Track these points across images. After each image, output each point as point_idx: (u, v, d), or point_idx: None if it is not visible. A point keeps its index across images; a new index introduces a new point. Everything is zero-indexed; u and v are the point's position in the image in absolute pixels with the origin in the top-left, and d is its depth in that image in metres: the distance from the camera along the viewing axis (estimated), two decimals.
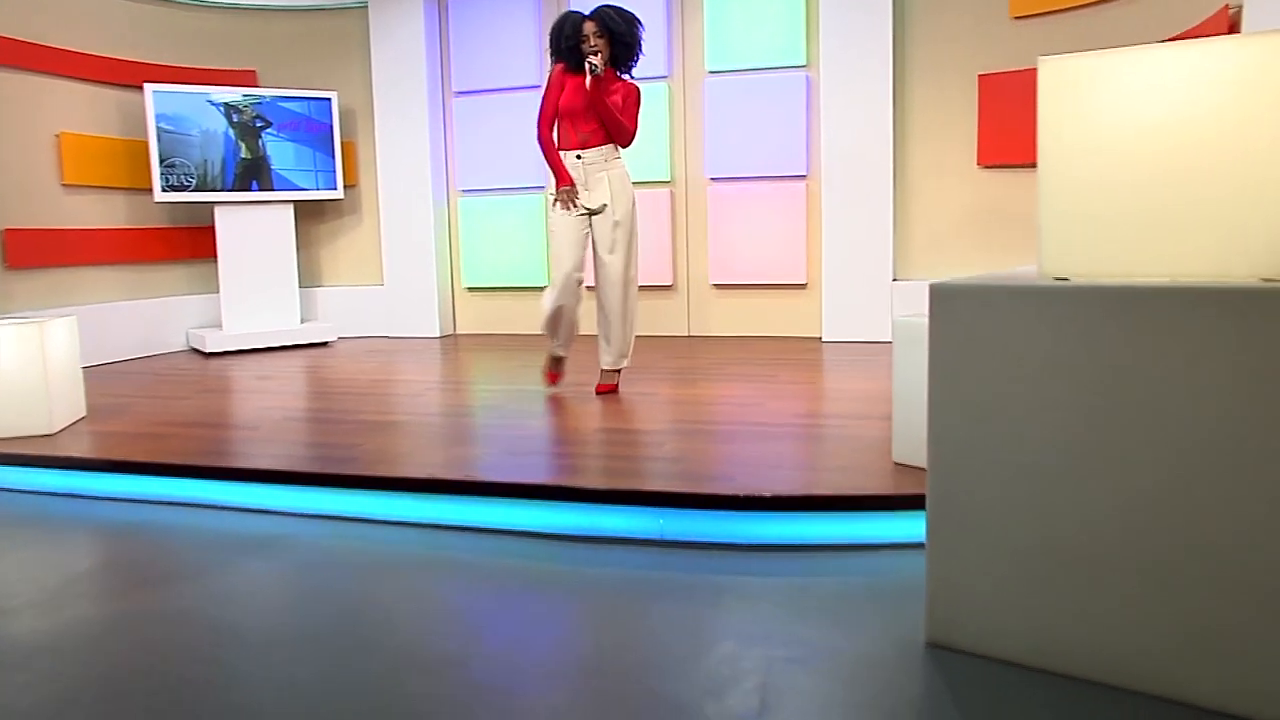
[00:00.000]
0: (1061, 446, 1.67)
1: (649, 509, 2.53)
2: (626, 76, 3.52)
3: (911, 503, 2.44)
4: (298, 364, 5.14)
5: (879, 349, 4.90)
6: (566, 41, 3.39)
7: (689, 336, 5.71)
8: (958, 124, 4.99)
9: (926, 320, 2.62)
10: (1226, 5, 3.42)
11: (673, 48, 5.56)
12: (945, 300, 1.81)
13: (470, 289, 6.08)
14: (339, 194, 5.85)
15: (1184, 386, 1.55)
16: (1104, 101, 1.70)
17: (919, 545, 2.42)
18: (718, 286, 5.58)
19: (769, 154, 5.34)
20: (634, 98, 3.43)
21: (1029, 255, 4.79)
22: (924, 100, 5.07)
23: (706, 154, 5.49)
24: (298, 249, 5.91)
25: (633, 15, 3.45)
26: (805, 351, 4.96)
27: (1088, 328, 1.63)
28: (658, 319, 5.70)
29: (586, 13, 3.39)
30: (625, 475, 2.70)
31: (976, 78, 4.90)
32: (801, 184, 5.33)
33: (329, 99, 5.79)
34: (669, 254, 5.62)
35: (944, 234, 5.09)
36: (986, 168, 4.96)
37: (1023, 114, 4.74)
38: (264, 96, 5.67)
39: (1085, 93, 1.71)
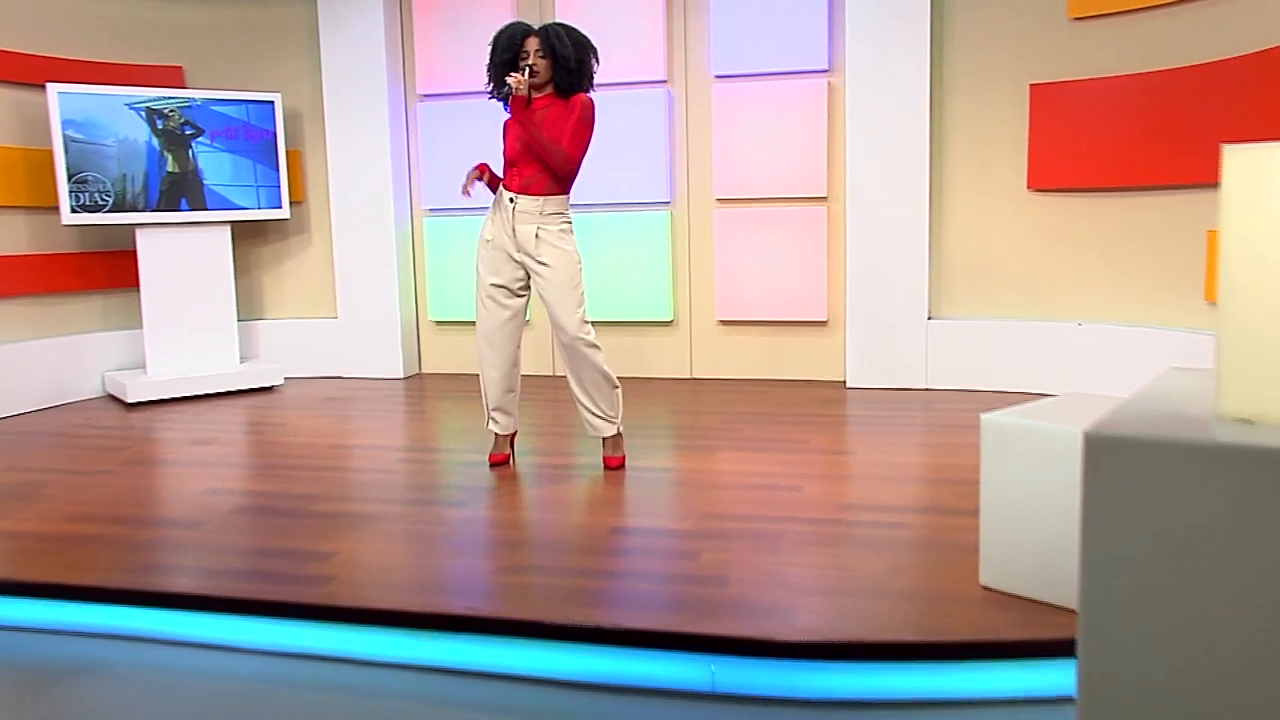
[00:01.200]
0: (1247, 631, 1.43)
1: (693, 655, 2.29)
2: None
3: (1020, 650, 2.22)
4: (239, 418, 4.86)
5: (913, 399, 4.78)
6: (501, 55, 3.26)
7: (691, 379, 5.53)
8: (1005, 140, 4.85)
9: (1024, 422, 2.41)
10: None
11: (672, 47, 5.37)
12: (1106, 456, 1.56)
13: (438, 323, 5.88)
14: (284, 213, 5.59)
15: None
16: None
17: (1029, 702, 2.19)
18: (725, 323, 5.44)
19: (784, 172, 5.20)
20: (581, 113, 3.24)
21: (1084, 295, 4.69)
22: (966, 112, 4.93)
23: (713, 171, 5.33)
24: (235, 277, 5.66)
25: (585, 39, 3.30)
26: (829, 401, 4.82)
27: None
28: (656, 359, 5.53)
29: (534, 27, 3.27)
30: (659, 606, 2.45)
31: (1028, 87, 4.76)
32: (822, 207, 5.19)
33: (271, 102, 5.55)
34: (668, 286, 5.44)
35: (987, 267, 4.96)
36: (1038, 192, 4.82)
37: (1081, 130, 4.59)
38: (194, 99, 5.38)
39: None
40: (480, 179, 3.40)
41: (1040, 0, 4.72)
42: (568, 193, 3.35)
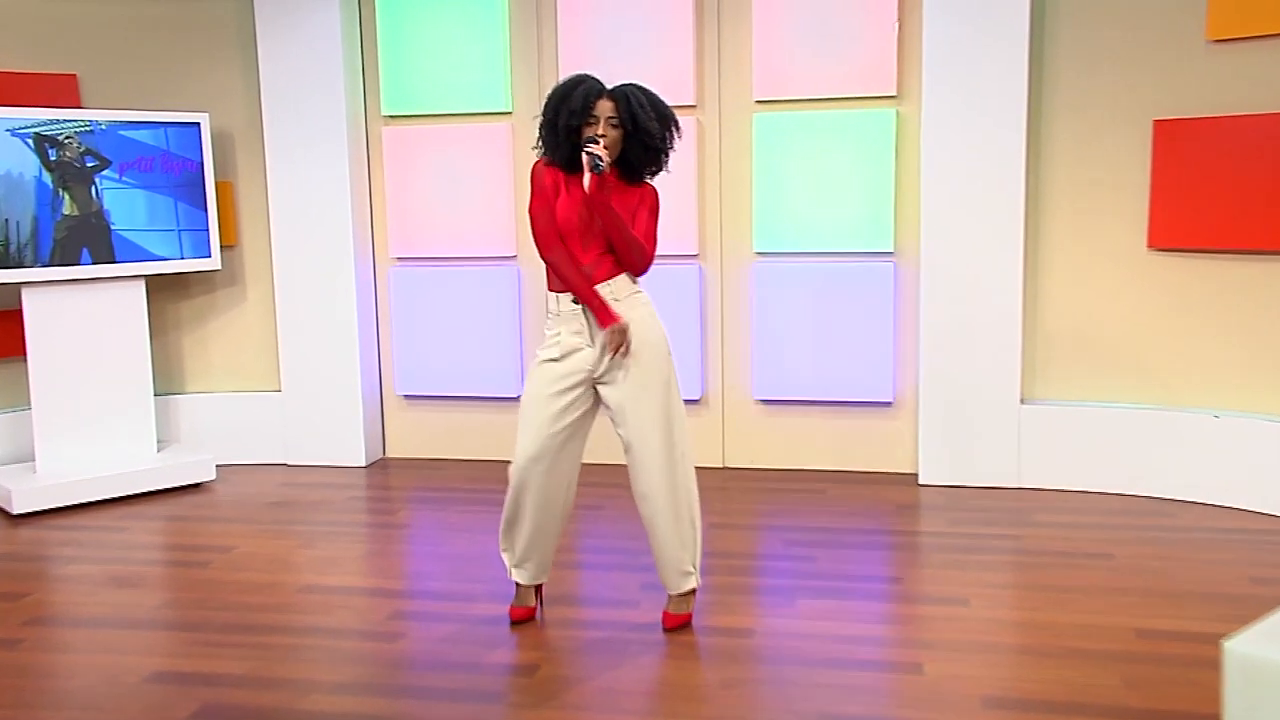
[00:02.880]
0: None
1: None
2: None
3: None
4: (161, 540, 4.35)
5: (1005, 503, 4.54)
6: (570, 119, 3.02)
7: (724, 469, 5.19)
8: (1121, 187, 4.60)
9: None
10: None
11: (703, 68, 5.01)
12: None
13: (407, 397, 5.51)
14: (213, 262, 5.18)
15: None
16: None
17: None
18: (765, 403, 5.14)
19: (841, 219, 4.91)
20: (654, 205, 3.18)
21: (1219, 379, 4.46)
22: (1072, 151, 4.66)
23: (753, 218, 5.02)
24: (151, 343, 5.22)
25: (668, 109, 3.13)
26: (903, 508, 4.52)
27: None
28: None
29: (607, 87, 3.08)
30: None
31: (1151, 124, 4.49)
32: (888, 263, 4.92)
33: (196, 124, 5.11)
34: (698, 357, 5.11)
35: (1095, 340, 4.72)
36: (1160, 251, 4.56)
37: (1217, 177, 4.31)
38: (97, 122, 4.87)
39: None
40: (622, 328, 3.11)
41: (1171, 17, 4.44)
42: None
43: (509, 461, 3.16)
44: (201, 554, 4.12)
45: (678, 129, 3.14)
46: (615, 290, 3.10)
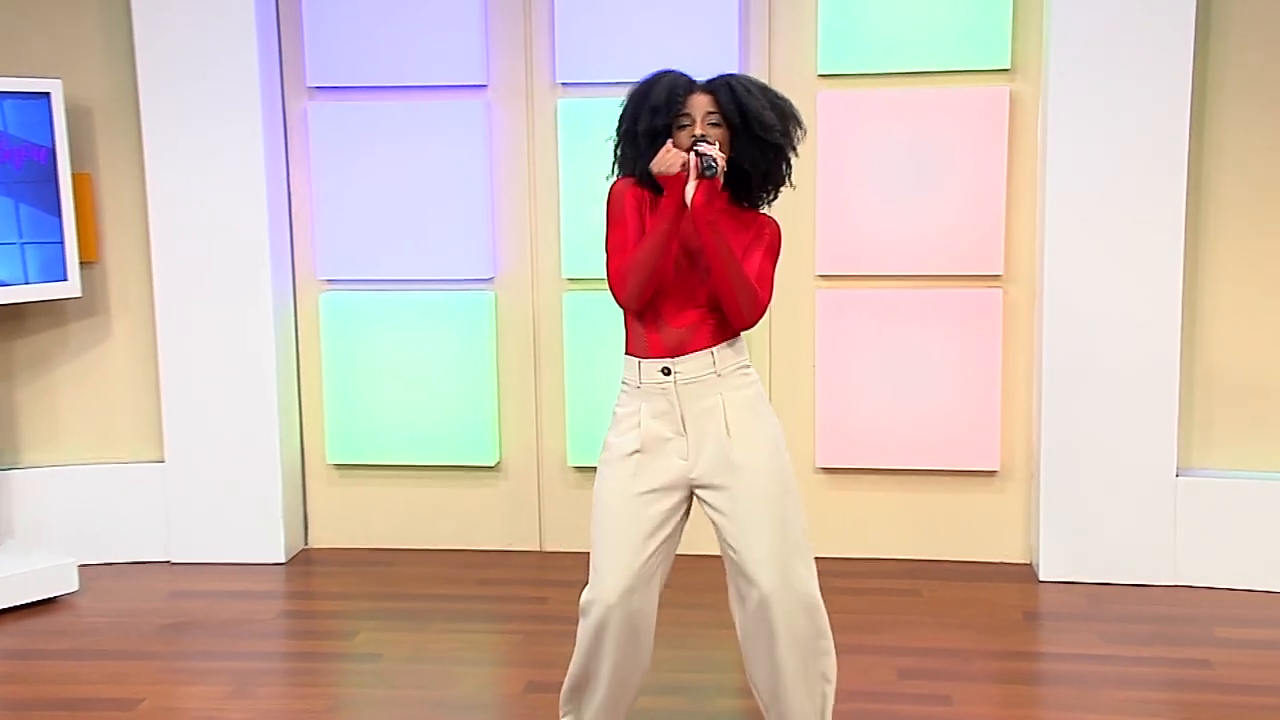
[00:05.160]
0: None
1: None
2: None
3: None
4: (10, 694, 3.79)
5: (1162, 611, 4.30)
6: (654, 119, 2.95)
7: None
8: None
9: None
10: None
11: (750, 37, 4.77)
12: None
13: (339, 466, 5.17)
14: (70, 287, 4.81)
15: None
16: None
17: None
18: (828, 471, 4.95)
19: (930, 234, 4.73)
20: (771, 241, 3.08)
21: None
22: (1246, 152, 4.49)
23: (816, 230, 4.80)
24: None
25: (785, 100, 3.08)
26: (1027, 619, 4.33)
27: None
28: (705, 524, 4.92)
29: (700, 80, 3.04)
30: None
31: None
32: (995, 290, 4.73)
33: (46, 94, 4.72)
34: None
35: (1277, 394, 4.59)
36: None
37: None
38: None
39: None
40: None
41: None
42: (739, 331, 3.10)
43: (488, 551, 3.01)
44: (84, 715, 3.57)
45: (800, 127, 3.02)
46: (717, 363, 2.98)
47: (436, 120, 4.86)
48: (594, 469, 3.06)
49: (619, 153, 3.03)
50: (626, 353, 3.01)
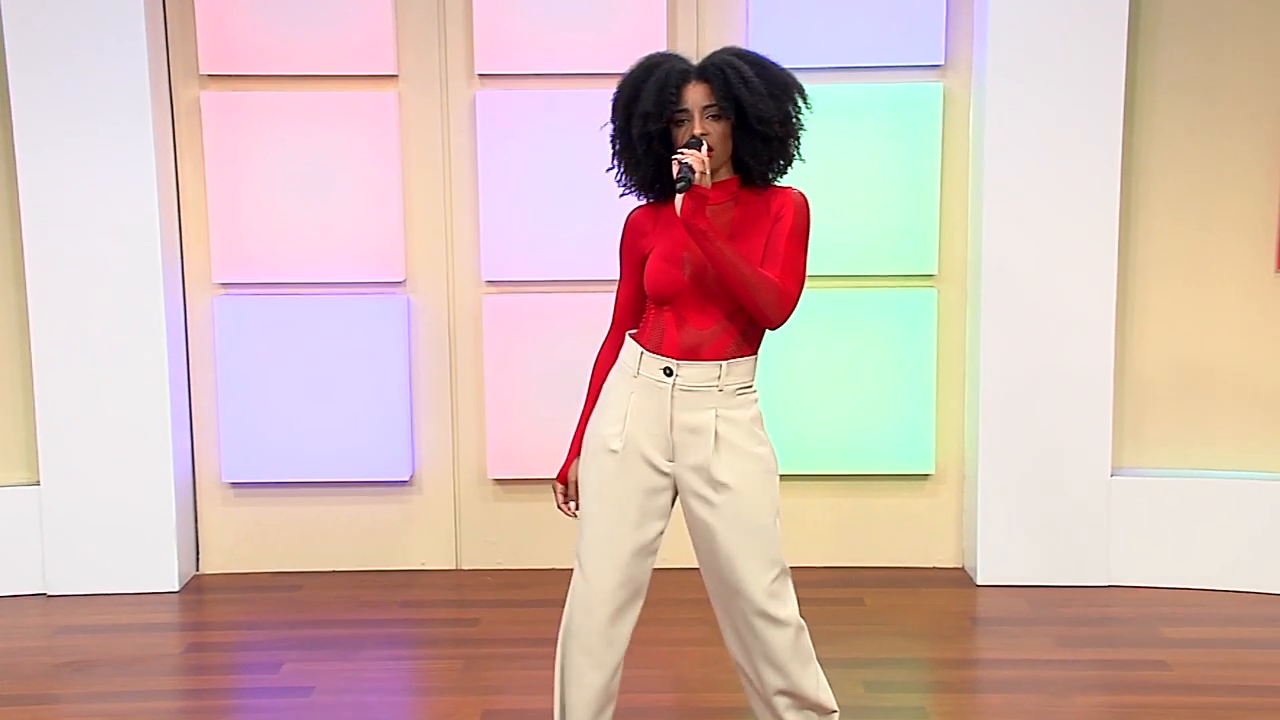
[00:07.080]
0: None
1: None
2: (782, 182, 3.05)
3: None
4: None
5: (1097, 612, 4.31)
6: (647, 124, 2.87)
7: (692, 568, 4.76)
8: (1244, 196, 4.56)
9: None
10: None
11: (678, 22, 4.66)
12: None
13: (236, 485, 4.91)
14: None
15: None
16: None
17: None
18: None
19: (865, 231, 4.71)
20: (795, 223, 2.95)
21: None
22: (1176, 150, 4.57)
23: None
24: None
25: (787, 75, 2.97)
26: (964, 624, 4.30)
27: None
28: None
29: (693, 63, 2.94)
30: None
31: None
32: (928, 290, 4.76)
33: None
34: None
35: (1211, 392, 4.65)
36: None
37: None
38: None
39: None
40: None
41: None
42: (757, 351, 2.97)
43: (401, 571, 2.90)
44: None
45: (803, 98, 2.89)
46: (723, 377, 2.89)
47: (343, 112, 4.66)
48: (515, 481, 2.89)
49: (616, 149, 2.94)
50: (633, 337, 2.93)
